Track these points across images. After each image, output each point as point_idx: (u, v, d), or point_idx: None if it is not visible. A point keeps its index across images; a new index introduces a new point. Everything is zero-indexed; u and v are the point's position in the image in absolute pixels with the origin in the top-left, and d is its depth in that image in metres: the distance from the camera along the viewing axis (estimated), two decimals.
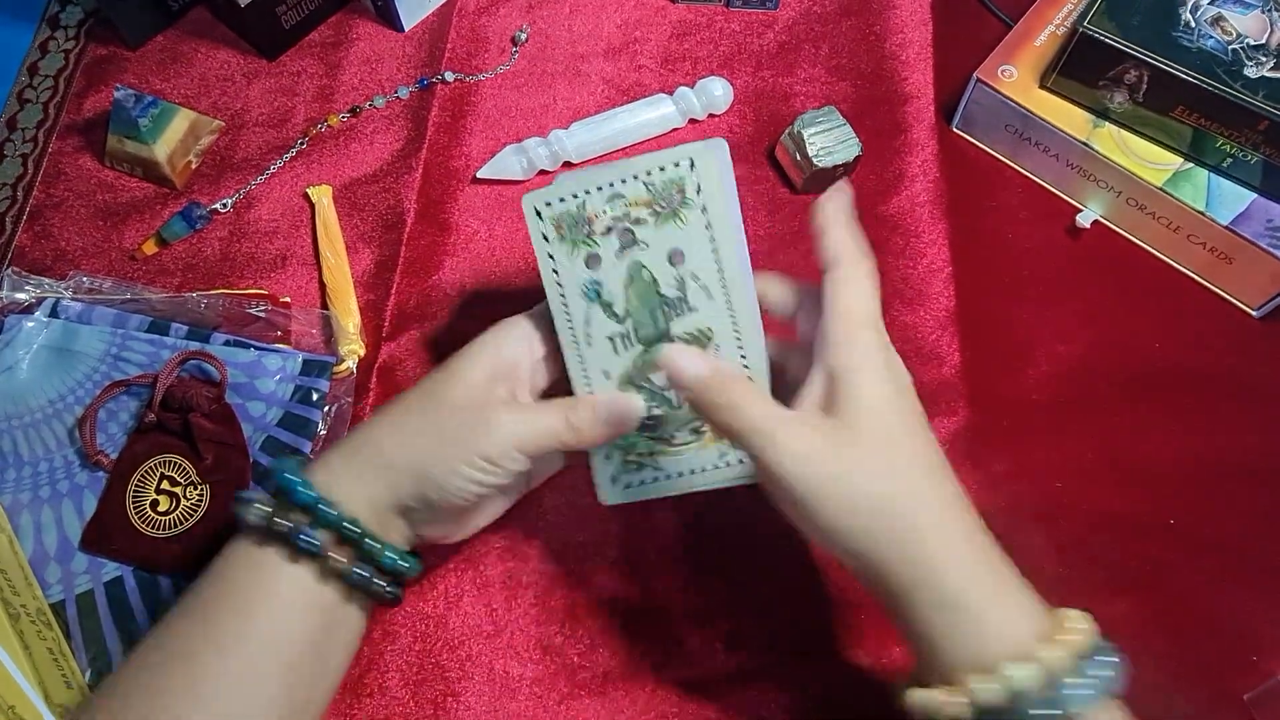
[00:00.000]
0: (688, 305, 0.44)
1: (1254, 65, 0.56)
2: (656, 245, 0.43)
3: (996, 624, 0.37)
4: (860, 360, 0.40)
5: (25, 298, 0.58)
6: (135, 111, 0.62)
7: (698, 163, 0.42)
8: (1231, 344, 0.59)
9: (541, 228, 0.44)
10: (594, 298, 0.44)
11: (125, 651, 0.50)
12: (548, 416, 0.43)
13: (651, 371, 0.44)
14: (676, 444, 0.45)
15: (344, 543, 0.42)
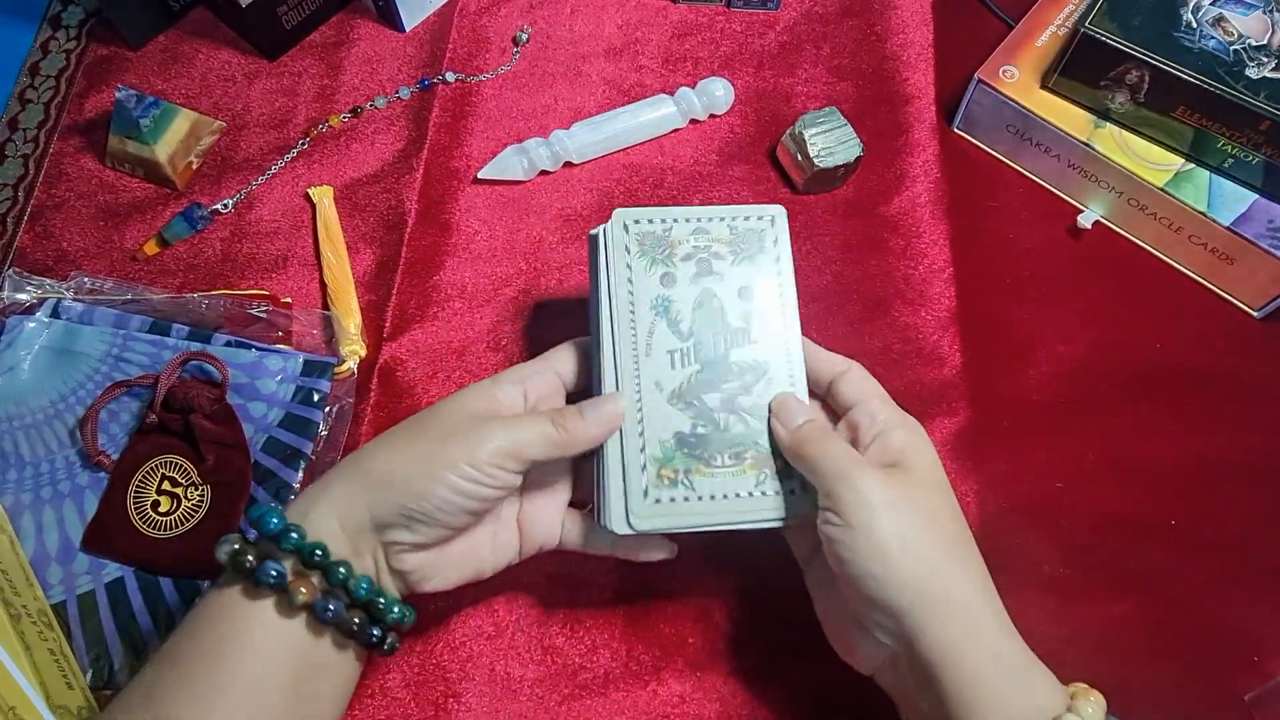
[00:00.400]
0: (749, 337, 0.48)
1: (1255, 66, 0.56)
2: (730, 280, 0.48)
3: (1024, 692, 0.39)
4: (914, 433, 0.45)
5: (26, 298, 0.58)
6: (136, 112, 0.62)
7: (778, 221, 0.50)
8: (1232, 344, 0.59)
9: (626, 240, 0.48)
10: (662, 313, 0.47)
11: (126, 652, 0.50)
12: (537, 422, 0.43)
13: (705, 392, 0.46)
14: (715, 466, 0.46)
15: (311, 570, 0.40)
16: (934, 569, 0.40)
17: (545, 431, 0.43)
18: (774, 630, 0.52)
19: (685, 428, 0.46)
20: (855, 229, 0.63)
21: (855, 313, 0.60)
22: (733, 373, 0.47)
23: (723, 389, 0.47)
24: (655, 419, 0.46)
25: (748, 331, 0.48)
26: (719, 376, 0.47)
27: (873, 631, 0.41)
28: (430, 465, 0.41)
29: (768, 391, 0.47)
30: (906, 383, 0.58)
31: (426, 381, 0.58)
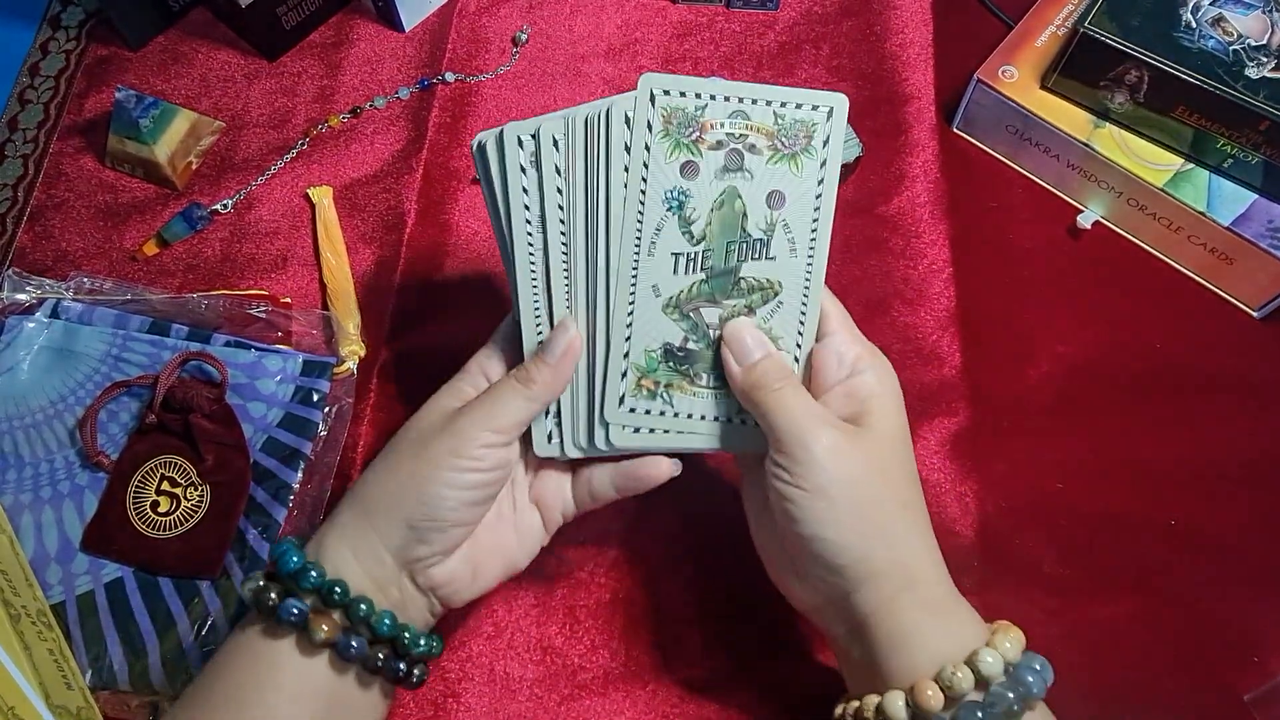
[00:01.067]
0: (767, 252, 0.42)
1: (1255, 66, 0.56)
2: (761, 180, 0.42)
3: (948, 633, 0.40)
4: (882, 378, 0.43)
5: (26, 298, 0.58)
6: (136, 112, 0.62)
7: (835, 113, 0.42)
8: (1232, 345, 0.59)
9: (649, 114, 0.41)
10: (676, 208, 0.42)
11: (125, 652, 0.50)
12: (503, 388, 0.42)
13: (702, 304, 0.42)
14: (698, 384, 0.43)
15: (333, 608, 0.40)
16: (882, 535, 0.40)
17: (515, 392, 0.42)
18: (774, 630, 0.52)
19: (675, 340, 0.42)
20: (855, 229, 0.63)
21: (855, 312, 0.59)
22: (740, 290, 0.42)
23: (725, 305, 0.43)
24: (645, 326, 0.42)
25: (767, 245, 0.42)
26: (724, 291, 0.42)
27: (809, 580, 0.42)
28: (421, 471, 0.41)
29: (774, 315, 0.43)
30: (906, 383, 0.57)
31: (426, 381, 0.58)
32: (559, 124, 0.42)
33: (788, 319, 0.43)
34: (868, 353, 0.43)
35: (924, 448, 0.56)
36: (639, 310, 0.42)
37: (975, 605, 0.52)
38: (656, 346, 0.42)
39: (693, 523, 0.54)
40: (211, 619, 0.50)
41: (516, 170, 0.42)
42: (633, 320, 0.42)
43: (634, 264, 0.42)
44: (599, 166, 0.42)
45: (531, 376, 0.42)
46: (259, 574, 0.41)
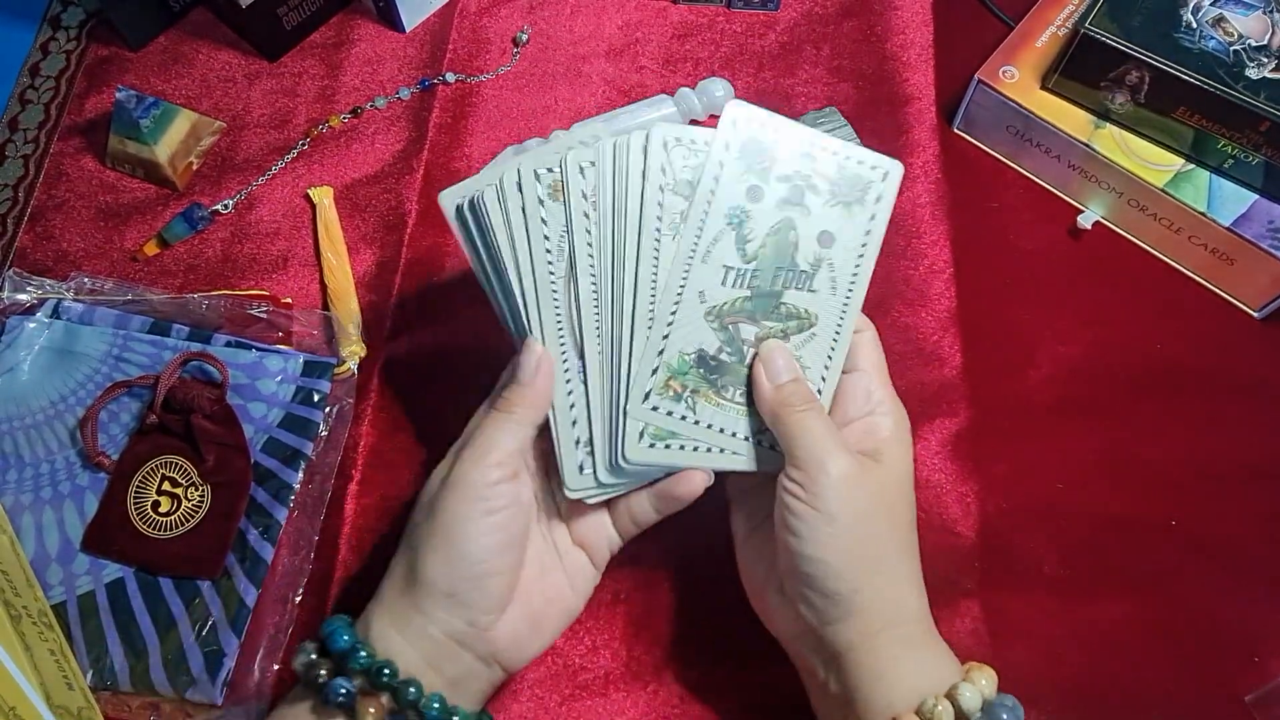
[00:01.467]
0: (810, 284, 0.45)
1: (1255, 66, 0.56)
2: (816, 218, 0.45)
3: (936, 664, 0.41)
4: (899, 424, 0.45)
5: (27, 299, 0.58)
6: (137, 112, 0.62)
7: (890, 176, 0.46)
8: (1233, 345, 0.59)
9: (729, 136, 0.45)
10: (735, 224, 0.44)
11: (126, 653, 0.50)
12: (484, 420, 0.43)
13: (742, 320, 0.44)
14: (724, 397, 0.44)
15: (381, 690, 0.39)
16: (878, 570, 0.41)
17: (500, 421, 0.42)
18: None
19: (711, 348, 0.44)
20: None
21: None
22: (779, 314, 0.45)
23: (763, 325, 0.45)
24: (685, 328, 0.44)
25: (812, 278, 0.45)
26: (764, 312, 0.45)
27: (797, 605, 0.42)
28: (438, 533, 0.41)
29: (806, 345, 0.45)
30: (907, 383, 0.58)
31: (427, 382, 0.58)
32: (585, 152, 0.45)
33: (818, 351, 0.45)
34: (891, 398, 0.45)
35: (925, 448, 0.56)
36: (682, 312, 0.44)
37: (975, 606, 0.52)
38: (691, 351, 0.44)
39: (693, 523, 0.54)
40: (212, 619, 0.50)
41: (535, 204, 0.45)
42: (674, 321, 0.44)
43: (686, 267, 0.44)
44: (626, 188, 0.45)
45: (511, 402, 0.43)
46: (310, 645, 0.41)
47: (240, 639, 0.50)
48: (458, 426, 0.45)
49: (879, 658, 0.40)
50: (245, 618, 0.50)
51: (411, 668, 0.40)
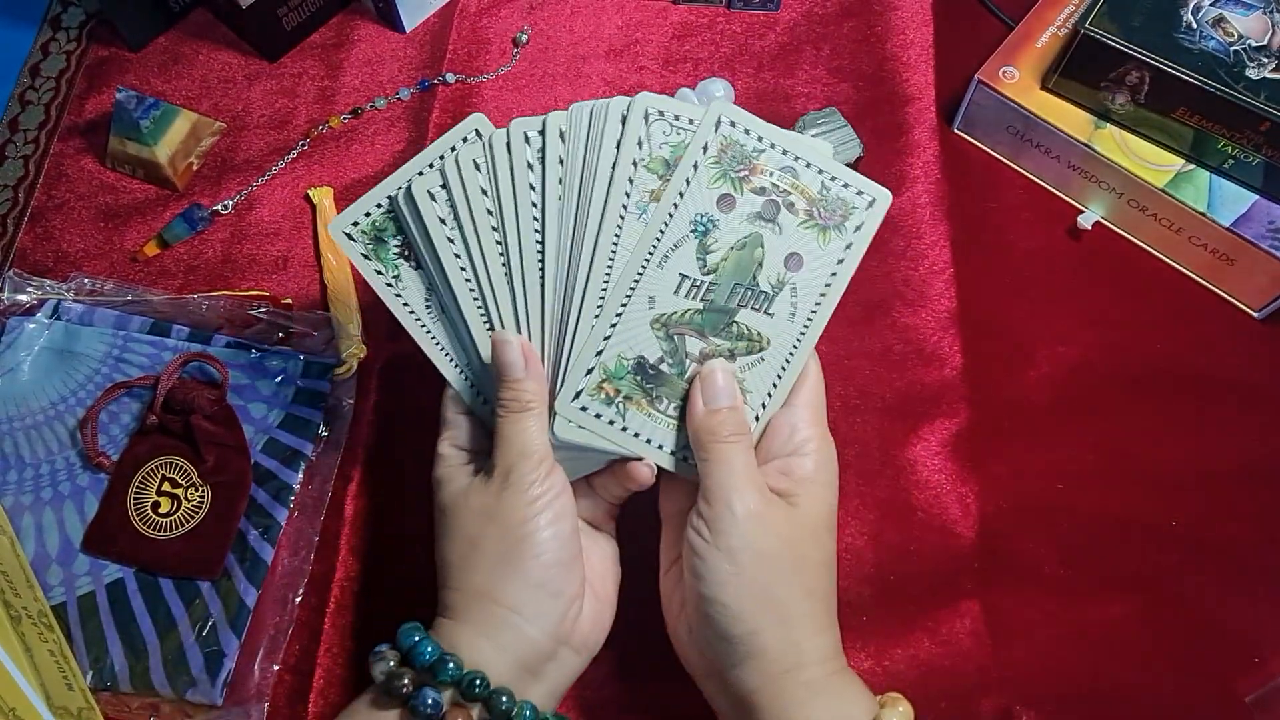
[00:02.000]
0: (768, 307, 0.43)
1: (1256, 66, 0.56)
2: (786, 238, 0.43)
3: (847, 704, 0.40)
4: (821, 466, 0.43)
5: (27, 299, 0.58)
6: (137, 113, 0.62)
7: (876, 205, 0.43)
8: (1233, 346, 0.59)
9: (708, 139, 0.42)
10: (699, 233, 0.42)
11: (126, 653, 0.50)
12: (509, 427, 0.42)
13: (690, 333, 0.42)
14: (656, 408, 0.43)
15: (473, 701, 0.39)
16: (778, 614, 0.40)
17: (523, 420, 0.42)
18: None
19: (651, 356, 0.42)
20: None
21: (855, 313, 0.60)
22: (730, 333, 0.43)
23: (710, 341, 0.43)
24: (627, 332, 0.42)
25: (771, 300, 0.42)
26: (714, 328, 0.43)
27: (700, 644, 0.42)
28: (511, 536, 0.41)
29: (751, 369, 0.43)
30: (906, 383, 0.58)
31: (427, 382, 0.58)
32: (562, 118, 0.44)
33: (763, 377, 0.43)
34: (819, 438, 0.43)
35: (924, 448, 0.56)
36: (628, 316, 0.42)
37: (975, 606, 0.52)
38: (631, 356, 0.42)
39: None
40: (212, 620, 0.50)
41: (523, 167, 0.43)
42: (618, 323, 0.42)
43: (640, 270, 0.42)
44: (596, 166, 0.43)
45: (525, 398, 0.42)
46: (390, 653, 0.40)
47: (240, 639, 0.50)
48: None
49: (785, 702, 0.39)
50: (245, 618, 0.50)
51: (501, 676, 0.39)
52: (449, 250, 0.44)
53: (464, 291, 0.44)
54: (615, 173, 0.42)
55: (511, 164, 0.44)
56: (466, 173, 0.44)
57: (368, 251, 0.45)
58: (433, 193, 0.44)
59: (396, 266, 0.46)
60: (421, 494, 0.55)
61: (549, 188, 0.43)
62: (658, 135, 0.43)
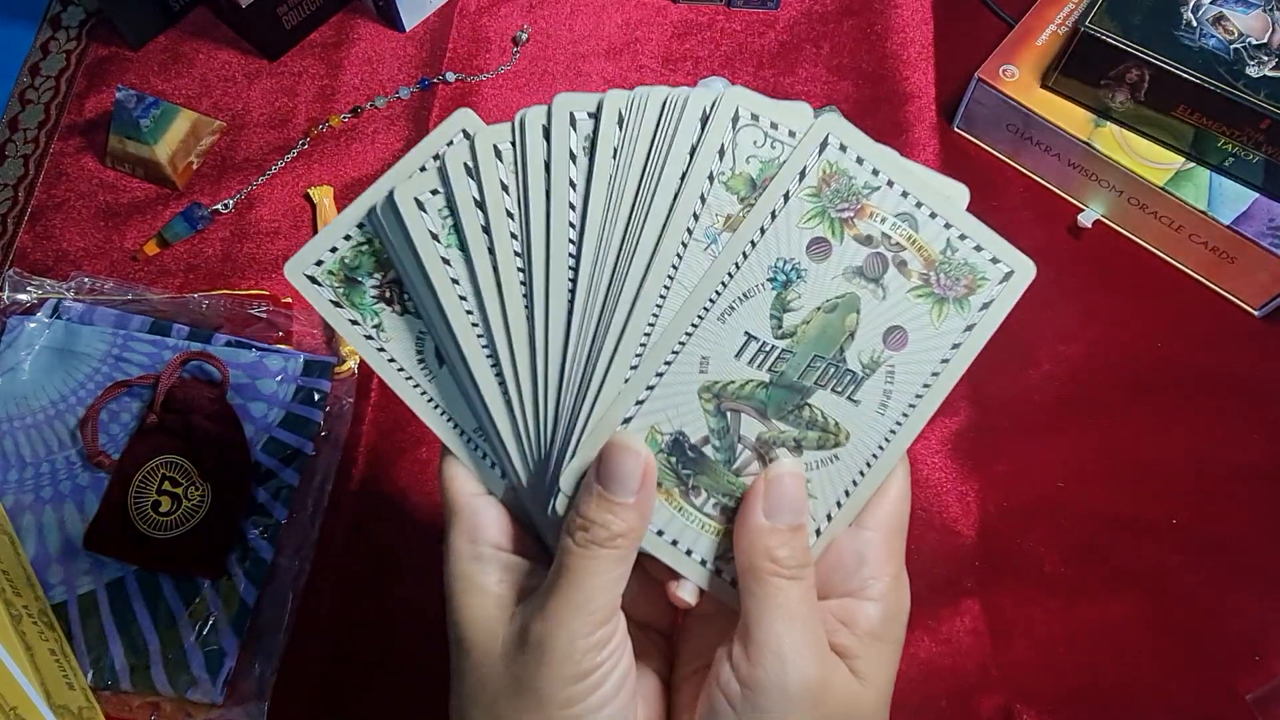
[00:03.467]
0: (854, 392, 0.33)
1: (1256, 64, 0.56)
2: (891, 306, 0.33)
3: None
4: (891, 621, 0.33)
5: (27, 299, 0.58)
6: (137, 112, 0.62)
7: (1014, 280, 0.34)
8: (1233, 344, 0.59)
9: (808, 162, 0.33)
10: (778, 284, 0.33)
11: (126, 652, 0.50)
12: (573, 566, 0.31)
13: (747, 411, 0.33)
14: (690, 502, 0.33)
15: None
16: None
17: (595, 564, 0.30)
18: None
19: (694, 435, 0.32)
20: None
21: None
22: (799, 418, 0.33)
23: (772, 425, 0.33)
24: (667, 399, 0.32)
25: (858, 384, 0.33)
26: (780, 409, 0.33)
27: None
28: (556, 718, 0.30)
29: (821, 469, 0.33)
30: None
31: None
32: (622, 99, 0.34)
33: (833, 482, 0.33)
34: (892, 577, 0.33)
35: (925, 448, 0.56)
36: (671, 377, 0.32)
37: (975, 605, 0.52)
38: (668, 431, 0.32)
39: None
40: (213, 619, 0.50)
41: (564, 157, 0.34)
42: (657, 385, 0.32)
43: (696, 320, 0.32)
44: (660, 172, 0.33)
45: (614, 531, 0.30)
46: None
47: (241, 639, 0.50)
48: None
49: None
50: (246, 617, 0.50)
51: None
52: (444, 275, 0.33)
53: (466, 331, 0.33)
54: (685, 186, 0.33)
55: (549, 154, 0.33)
56: (485, 170, 0.33)
57: (338, 297, 0.35)
58: (422, 200, 0.33)
59: (376, 313, 0.35)
60: (421, 494, 0.55)
61: (595, 189, 0.33)
62: (746, 146, 0.34)
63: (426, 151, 0.34)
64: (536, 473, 0.33)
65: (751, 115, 0.34)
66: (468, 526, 0.33)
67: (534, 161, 0.33)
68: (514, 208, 0.34)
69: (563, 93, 0.34)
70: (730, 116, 0.34)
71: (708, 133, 0.33)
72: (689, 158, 0.33)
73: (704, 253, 0.33)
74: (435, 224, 0.34)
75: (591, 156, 0.34)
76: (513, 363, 0.33)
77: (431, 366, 0.35)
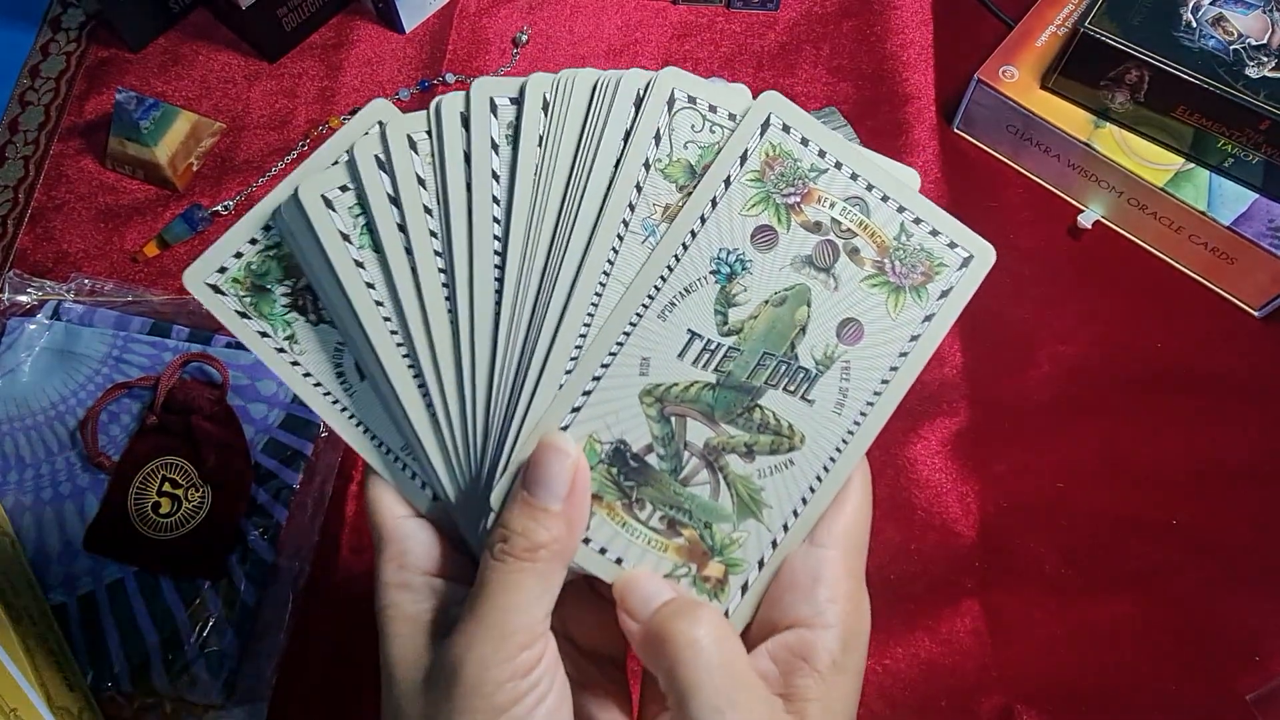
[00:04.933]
0: (808, 391, 0.31)
1: (1255, 65, 0.56)
2: (844, 297, 0.31)
3: None
4: (850, 647, 0.30)
5: (27, 300, 0.58)
6: (137, 114, 0.62)
7: (974, 264, 0.32)
8: (1233, 344, 0.59)
9: (750, 144, 0.31)
10: (722, 277, 0.30)
11: (126, 654, 0.50)
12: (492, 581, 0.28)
13: (693, 415, 0.30)
14: (635, 517, 0.30)
15: None
16: None
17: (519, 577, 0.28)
18: None
19: (637, 443, 0.30)
20: None
21: None
22: (750, 421, 0.31)
23: (720, 430, 0.30)
24: (606, 404, 0.30)
25: (812, 383, 0.31)
26: (728, 412, 0.30)
27: None
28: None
29: (773, 477, 0.31)
30: None
31: None
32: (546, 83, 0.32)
33: (789, 491, 0.31)
34: (849, 598, 0.30)
35: (924, 448, 0.56)
36: (609, 380, 0.30)
37: (975, 605, 0.52)
38: (608, 439, 0.30)
39: None
40: (213, 620, 0.50)
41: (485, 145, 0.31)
42: (594, 390, 0.30)
43: (634, 318, 0.30)
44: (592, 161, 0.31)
45: (535, 541, 0.28)
46: None
47: (241, 639, 0.50)
48: None
49: None
50: (246, 618, 0.50)
51: None
52: (358, 280, 0.30)
53: (385, 340, 0.30)
54: (619, 173, 0.30)
55: (468, 144, 0.31)
56: (397, 160, 0.31)
57: (245, 307, 0.31)
58: (330, 198, 0.30)
59: (288, 324, 0.32)
60: None
61: (520, 181, 0.30)
62: (683, 130, 0.31)
63: (339, 146, 0.32)
64: (467, 491, 0.30)
65: (689, 97, 0.32)
66: (396, 552, 0.31)
67: (452, 152, 0.31)
68: (432, 203, 0.31)
69: (481, 77, 0.32)
70: (666, 99, 0.31)
71: (641, 117, 0.31)
72: (623, 144, 0.31)
73: (641, 245, 0.30)
74: (346, 223, 0.31)
75: (515, 145, 0.31)
76: (437, 373, 0.30)
77: (351, 380, 0.32)
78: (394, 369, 0.30)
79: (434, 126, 0.32)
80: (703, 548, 0.30)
